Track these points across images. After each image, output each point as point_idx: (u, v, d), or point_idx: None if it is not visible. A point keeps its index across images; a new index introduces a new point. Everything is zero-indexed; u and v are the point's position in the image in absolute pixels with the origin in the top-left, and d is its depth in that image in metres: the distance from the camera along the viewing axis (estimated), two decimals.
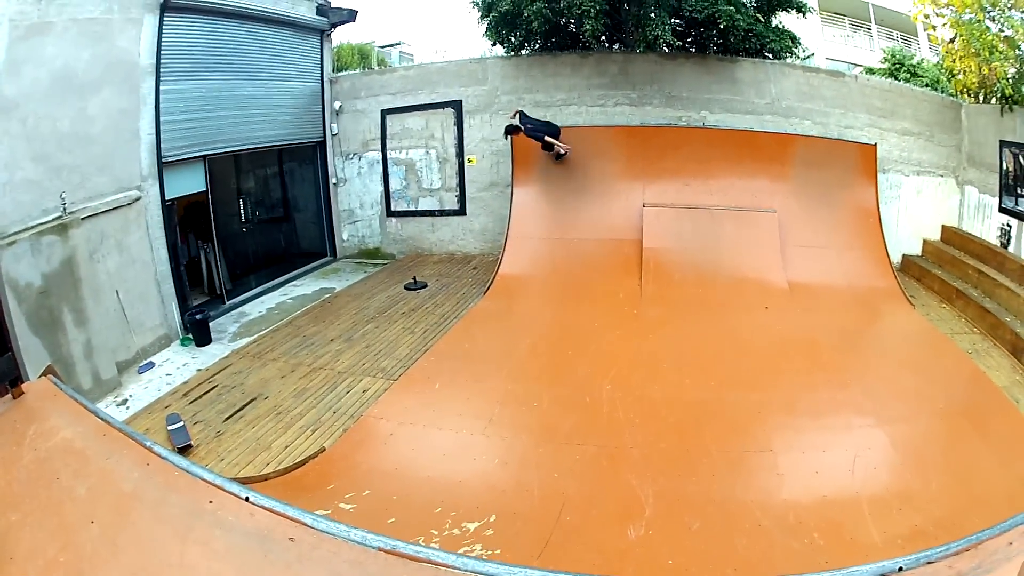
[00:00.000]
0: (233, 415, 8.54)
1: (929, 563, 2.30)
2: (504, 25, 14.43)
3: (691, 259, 12.28)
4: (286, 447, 7.62)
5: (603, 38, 14.91)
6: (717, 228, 12.71)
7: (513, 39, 15.04)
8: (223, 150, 13.15)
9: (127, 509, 3.16)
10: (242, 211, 14.82)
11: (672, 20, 13.88)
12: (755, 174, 13.37)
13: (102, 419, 3.88)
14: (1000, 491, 6.41)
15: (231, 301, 13.34)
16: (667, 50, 14.20)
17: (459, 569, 2.30)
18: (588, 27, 13.01)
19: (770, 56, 14.81)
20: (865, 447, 7.11)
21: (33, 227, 8.78)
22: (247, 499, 2.91)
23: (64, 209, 9.20)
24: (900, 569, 2.30)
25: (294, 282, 14.78)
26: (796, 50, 15.33)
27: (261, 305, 13.40)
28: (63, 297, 9.21)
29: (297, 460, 7.30)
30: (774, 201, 13.06)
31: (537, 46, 15.24)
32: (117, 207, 10.31)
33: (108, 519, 3.09)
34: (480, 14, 14.73)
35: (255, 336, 11.47)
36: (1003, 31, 13.81)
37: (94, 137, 9.96)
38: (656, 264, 12.22)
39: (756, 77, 14.33)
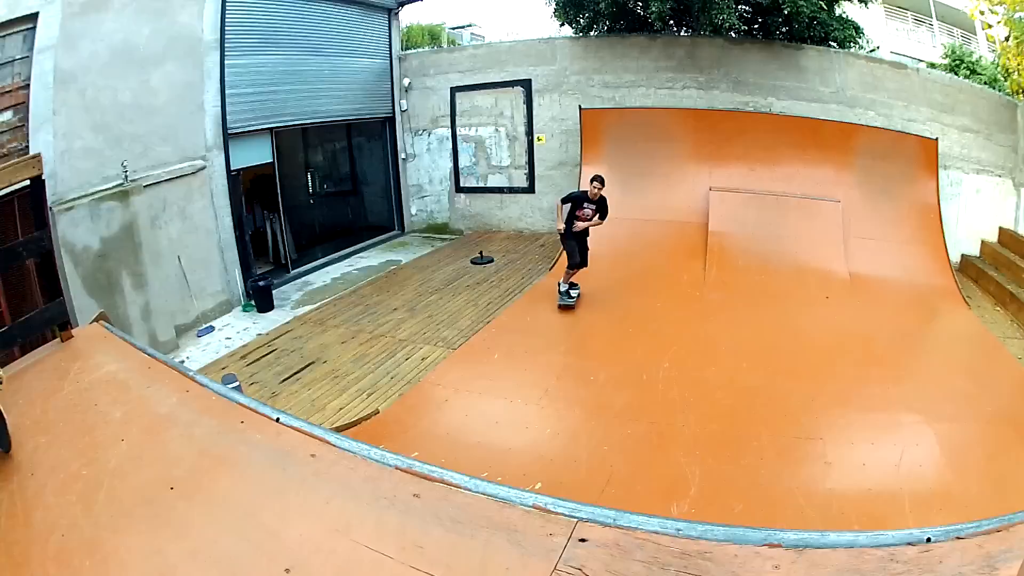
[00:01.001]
0: (290, 377, 8.59)
1: (959, 538, 2.23)
2: (571, 6, 14.26)
3: (755, 245, 12.04)
4: (340, 409, 7.64)
5: (670, 21, 14.40)
6: (782, 215, 12.46)
7: (581, 20, 14.72)
8: (290, 123, 13.21)
9: (159, 430, 3.29)
10: (309, 183, 14.94)
11: (738, 5, 13.60)
12: (820, 163, 13.03)
13: (149, 355, 3.99)
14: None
15: (296, 270, 13.39)
16: (733, 35, 13.92)
17: (471, 490, 2.38)
18: (655, 10, 12.75)
19: (834, 45, 14.39)
20: (913, 444, 6.91)
21: (92, 193, 8.92)
22: (277, 420, 3.05)
23: (126, 177, 9.33)
24: (928, 540, 2.25)
25: (360, 254, 14.80)
26: (859, 40, 14.95)
27: (326, 275, 13.41)
28: (122, 261, 9.51)
29: (350, 421, 7.31)
30: (838, 191, 12.76)
31: (605, 28, 14.87)
32: (181, 176, 10.45)
33: (138, 438, 3.23)
34: None
35: (318, 304, 11.52)
36: None
37: (157, 108, 10.09)
38: (720, 248, 12.02)
39: (821, 65, 13.94)
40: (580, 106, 14.22)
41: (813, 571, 2.07)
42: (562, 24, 15.26)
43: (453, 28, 26.43)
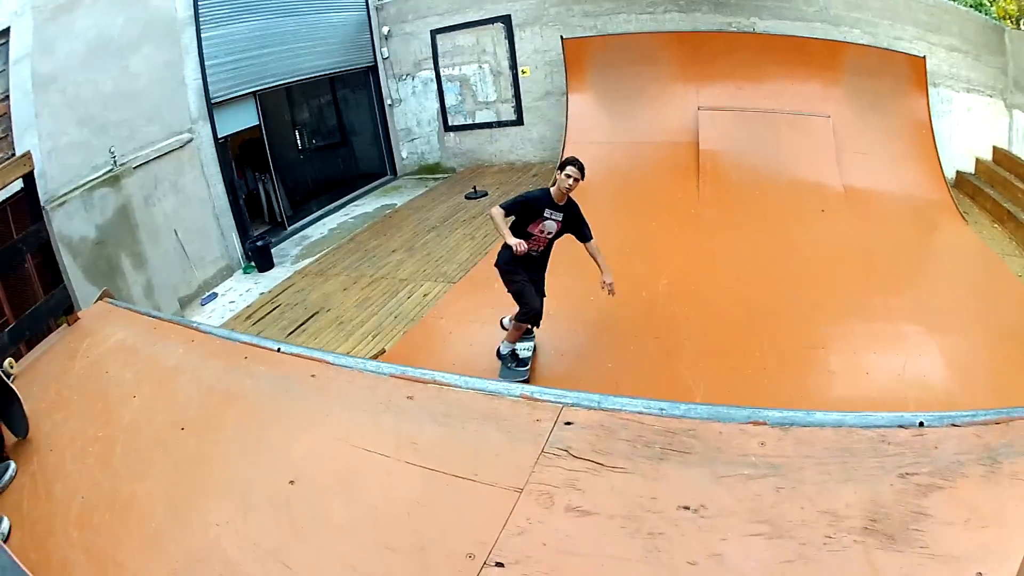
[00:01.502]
0: (295, 330, 8.69)
1: (954, 425, 2.28)
2: None
3: (747, 161, 11.93)
4: (348, 353, 7.48)
5: None
6: (772, 132, 12.32)
7: None
8: (273, 84, 13.21)
9: (168, 380, 3.43)
10: (298, 140, 14.97)
11: None
12: (808, 79, 12.93)
13: (154, 317, 4.21)
14: None
15: (292, 226, 13.51)
16: None
17: (461, 387, 2.48)
18: None
19: None
20: (916, 354, 6.89)
21: (83, 185, 9.02)
22: (278, 350, 3.20)
23: (115, 162, 9.42)
24: (921, 424, 2.29)
25: (355, 202, 14.93)
26: None
27: (323, 227, 13.55)
28: (120, 244, 9.67)
29: None
30: (827, 106, 12.66)
31: None
32: (169, 151, 10.53)
33: (149, 392, 3.37)
34: None
35: (317, 256, 11.61)
36: None
37: (140, 91, 10.16)
38: (713, 166, 11.90)
39: None
40: (562, 36, 14.00)
41: (800, 448, 2.14)
42: None
43: None
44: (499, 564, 1.78)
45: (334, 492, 2.32)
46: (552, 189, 6.30)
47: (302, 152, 15.20)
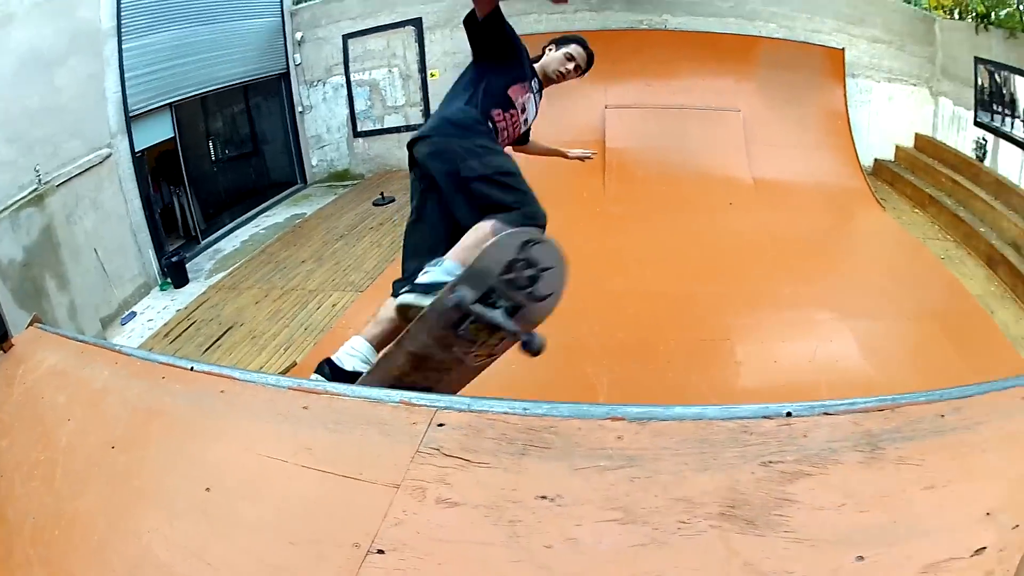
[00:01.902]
0: (211, 346, 9.26)
1: (826, 413, 2.43)
2: None
3: (654, 157, 12.81)
4: (261, 367, 8.25)
5: None
6: (680, 127, 13.19)
7: None
8: (189, 94, 13.72)
9: (97, 402, 3.77)
10: (212, 151, 15.46)
11: None
12: (719, 75, 13.90)
13: (80, 341, 4.58)
14: None
15: (206, 240, 14.04)
16: None
17: (349, 395, 2.88)
18: None
19: None
20: (827, 340, 7.54)
21: (11, 206, 9.42)
22: (191, 368, 3.52)
23: (39, 180, 9.84)
24: (788, 414, 2.43)
25: (266, 213, 15.50)
26: None
27: (235, 239, 14.15)
28: (45, 265, 9.91)
29: None
30: (739, 101, 13.62)
31: None
32: (90, 167, 10.91)
33: (81, 414, 3.72)
34: None
35: (230, 269, 12.19)
36: None
37: (63, 106, 10.55)
38: (619, 164, 12.69)
39: None
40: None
41: (657, 440, 2.37)
42: None
43: None
44: (380, 551, 2.10)
45: (243, 496, 2.67)
46: (536, 66, 4.80)
47: (216, 163, 15.56)
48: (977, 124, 14.83)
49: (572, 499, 2.18)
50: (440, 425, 2.53)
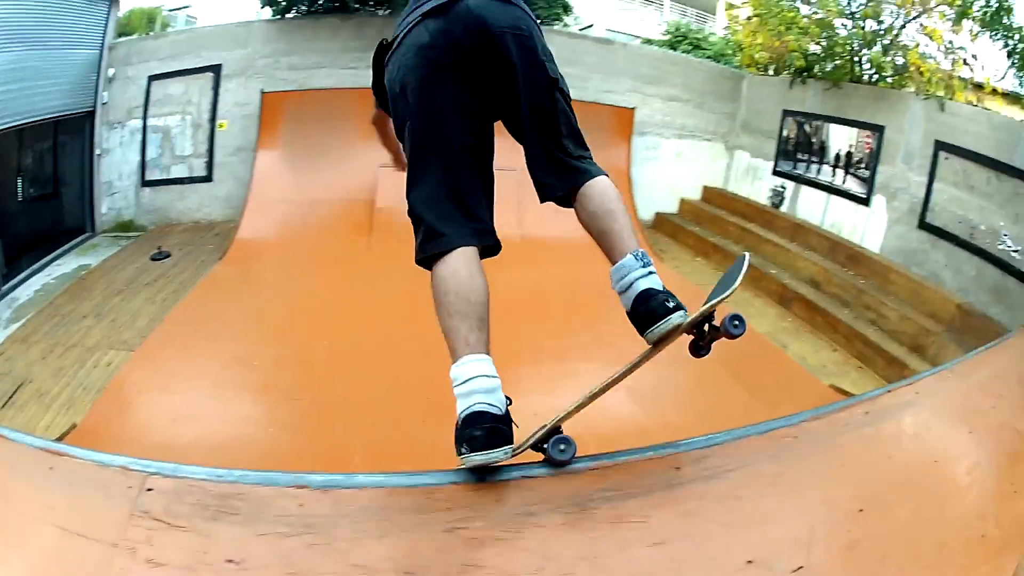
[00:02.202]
0: (6, 403, 9.36)
1: (526, 477, 2.86)
2: None
3: None
4: (47, 427, 8.45)
5: (370, 3, 16.17)
6: None
7: (284, 2, 16.13)
8: (5, 126, 13.73)
9: None
10: (19, 190, 15.41)
11: None
12: (497, 134, 14.53)
13: None
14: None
15: (6, 286, 13.88)
16: None
17: (83, 459, 3.12)
18: None
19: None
20: (591, 389, 8.19)
21: None
22: None
23: None
24: (481, 479, 2.83)
25: (58, 261, 15.48)
26: (566, 18, 17.34)
27: (30, 288, 14.11)
28: None
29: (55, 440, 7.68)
30: (515, 161, 13.90)
31: (304, 9, 16.40)
32: None
33: None
34: None
35: (23, 320, 12.25)
36: (816, 13, 16.46)
37: None
38: (387, 224, 13.25)
39: None
40: (262, 90, 15.53)
41: (338, 507, 2.64)
42: (263, 6, 16.52)
43: (170, 10, 25.50)
44: None
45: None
46: None
47: (22, 203, 15.48)
48: (776, 173, 16.99)
49: (255, 563, 2.41)
50: (149, 489, 2.84)
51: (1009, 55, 13.19)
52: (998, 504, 3.56)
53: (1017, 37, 12.83)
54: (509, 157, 11.29)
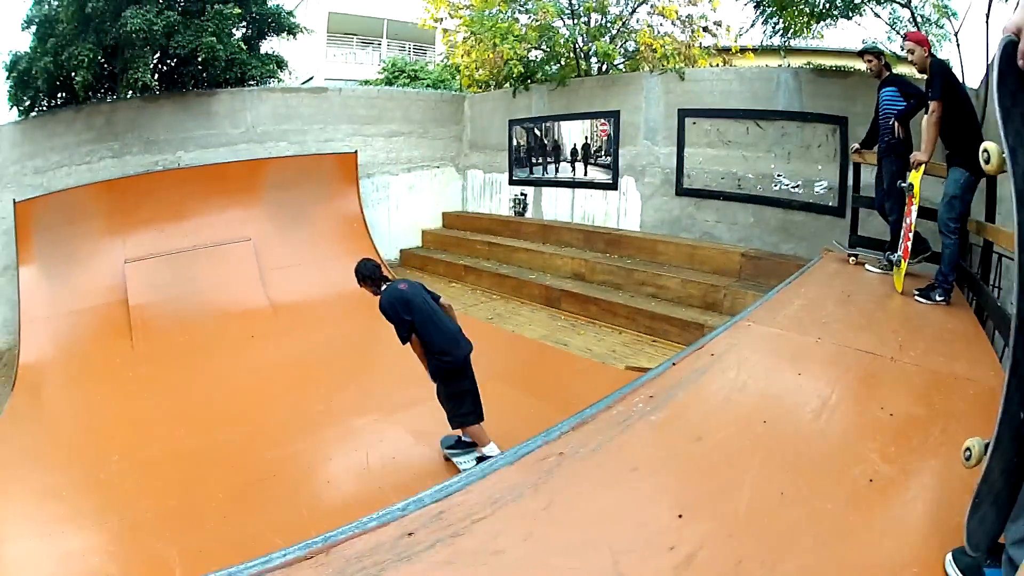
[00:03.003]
0: None
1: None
2: (19, 87, 14.82)
3: (174, 307, 13.07)
4: None
5: (100, 90, 15.49)
6: (194, 269, 13.92)
7: (27, 101, 15.30)
8: None
9: None
10: None
11: (161, 63, 15.10)
12: (227, 206, 14.67)
13: None
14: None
15: None
16: (151, 94, 14.93)
17: None
18: (80, 78, 13.61)
19: (253, 83, 16.17)
20: (376, 441, 8.05)
21: None
22: None
23: None
24: None
25: None
26: (281, 74, 16.97)
27: None
28: None
29: None
30: (248, 230, 14.47)
31: (43, 106, 15.51)
32: None
33: None
34: (6, 75, 14.92)
35: None
36: (535, 20, 16.55)
37: None
38: (143, 320, 13.07)
39: (233, 107, 15.62)
40: (15, 200, 14.22)
41: None
42: (11, 107, 15.59)
43: None
44: None
45: None
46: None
47: None
48: (513, 182, 17.31)
49: None
50: None
51: (757, 6, 13.35)
52: (875, 435, 3.63)
53: None
54: (243, 226, 12.94)
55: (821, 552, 2.62)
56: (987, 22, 9.75)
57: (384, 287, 7.44)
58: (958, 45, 11.26)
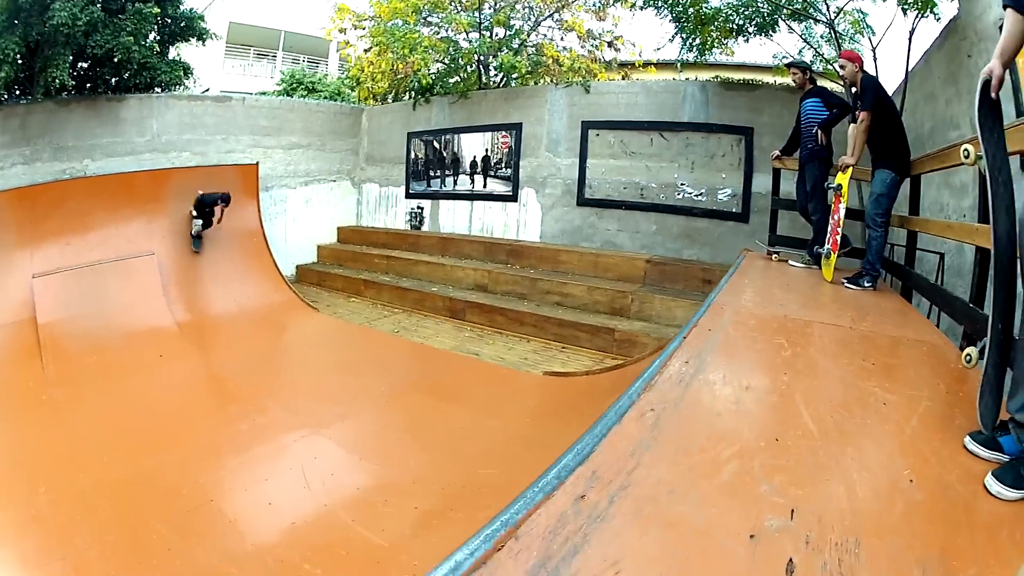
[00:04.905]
0: None
1: None
2: None
3: (83, 325, 12.38)
4: None
5: (19, 89, 14.93)
6: (101, 285, 13.03)
7: None
8: None
9: None
10: None
11: (79, 62, 14.74)
12: (131, 218, 14.21)
13: None
14: (505, 435, 8.02)
15: None
16: (64, 96, 14.58)
17: None
18: (4, 74, 13.17)
19: (159, 90, 15.98)
20: (310, 458, 7.75)
21: None
22: None
23: None
24: None
25: None
26: (187, 81, 16.72)
27: None
28: None
29: None
30: (152, 243, 13.98)
31: None
32: None
33: None
34: None
35: None
36: (439, 31, 17.21)
37: None
38: (53, 340, 12.09)
39: (140, 114, 15.39)
40: None
41: None
42: None
43: None
44: None
45: None
46: None
47: None
48: (410, 195, 17.64)
49: None
50: None
51: (675, 19, 13.66)
52: (870, 377, 4.04)
53: (687, 2, 13.30)
54: (148, 240, 12.60)
55: (873, 449, 3.13)
56: (910, 38, 10.51)
57: None
58: (875, 60, 11.87)
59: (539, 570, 1.96)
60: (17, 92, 14.87)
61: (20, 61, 13.77)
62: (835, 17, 12.26)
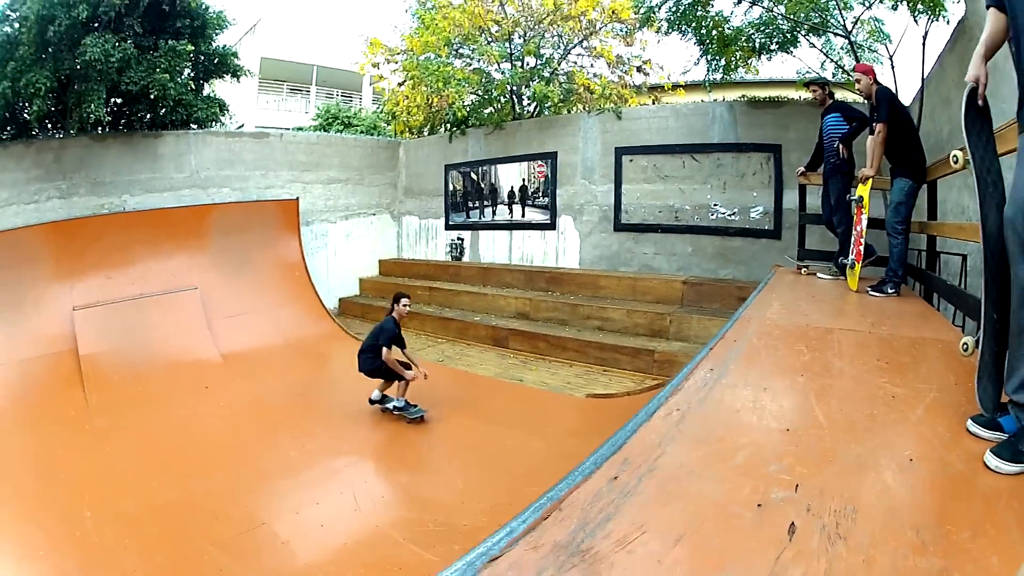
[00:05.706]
0: None
1: None
2: None
3: (125, 357, 12.74)
4: None
5: (50, 124, 15.29)
6: (143, 318, 13.59)
7: None
8: None
9: None
10: None
11: (112, 98, 14.85)
12: (173, 253, 14.50)
13: None
14: (549, 454, 8.20)
15: None
16: (99, 132, 14.93)
17: None
18: (35, 108, 13.40)
19: (195, 126, 16.10)
20: (360, 482, 7.99)
21: None
22: None
23: None
24: None
25: None
26: (223, 117, 16.99)
27: None
28: None
29: None
30: (193, 277, 14.20)
31: None
32: None
33: None
34: None
35: None
36: (471, 63, 17.24)
37: None
38: (95, 371, 12.37)
39: (178, 150, 15.58)
40: None
41: None
42: None
43: None
44: None
45: None
46: (395, 316, 10.41)
47: None
48: (450, 227, 17.75)
49: None
50: None
51: (700, 42, 13.85)
52: (882, 374, 4.28)
53: (709, 25, 13.54)
54: (189, 274, 12.95)
55: (878, 435, 3.30)
56: (923, 44, 10.57)
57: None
58: (892, 68, 11.95)
59: (578, 532, 2.25)
60: (49, 126, 15.16)
61: (52, 96, 13.88)
62: (852, 28, 12.39)
